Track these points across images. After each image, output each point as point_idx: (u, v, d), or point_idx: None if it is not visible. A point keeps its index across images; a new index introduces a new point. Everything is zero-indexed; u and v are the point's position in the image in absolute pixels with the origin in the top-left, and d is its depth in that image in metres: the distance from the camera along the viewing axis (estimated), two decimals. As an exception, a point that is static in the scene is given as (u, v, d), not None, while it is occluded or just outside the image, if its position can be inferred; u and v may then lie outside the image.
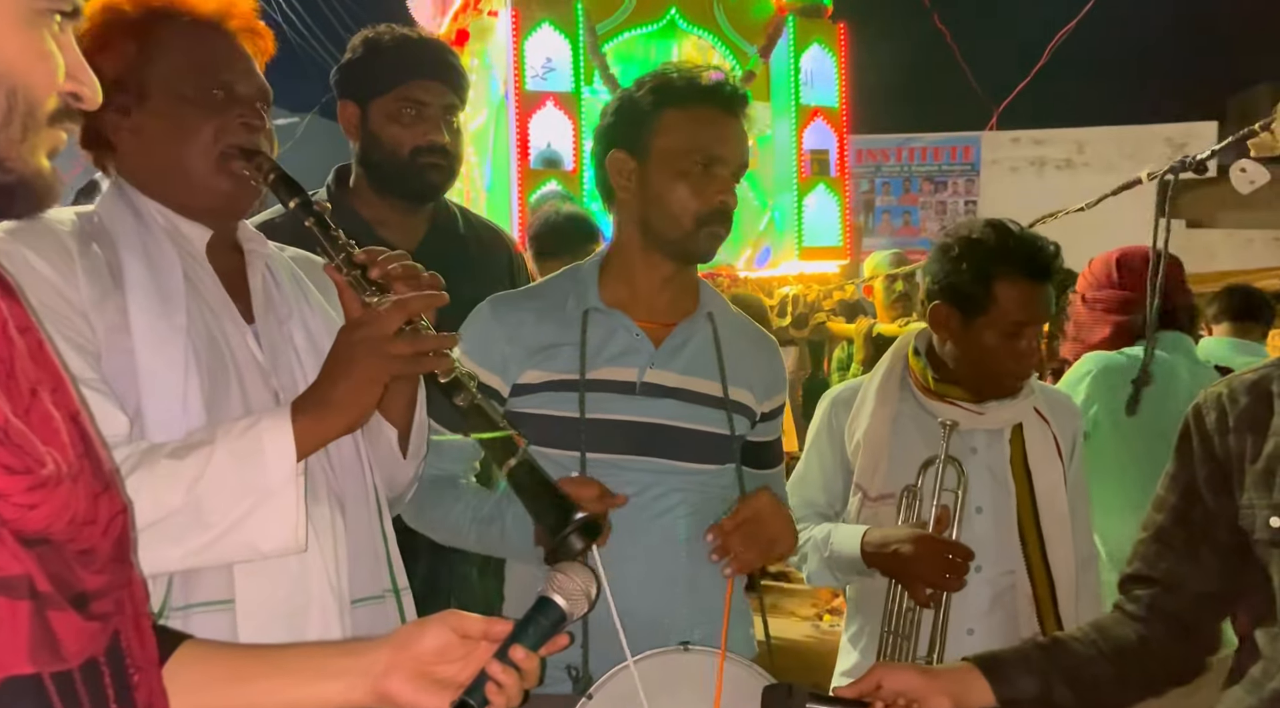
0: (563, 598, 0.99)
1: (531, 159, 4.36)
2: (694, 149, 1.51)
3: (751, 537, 1.50)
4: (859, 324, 4.42)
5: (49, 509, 0.66)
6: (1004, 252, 1.72)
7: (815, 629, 5.20)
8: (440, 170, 1.86)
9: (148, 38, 1.23)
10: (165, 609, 1.15)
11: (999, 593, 1.78)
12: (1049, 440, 1.82)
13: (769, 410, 1.68)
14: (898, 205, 11.33)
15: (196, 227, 1.25)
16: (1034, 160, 11.02)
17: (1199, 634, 1.32)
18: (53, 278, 1.14)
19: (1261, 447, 1.21)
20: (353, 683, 0.94)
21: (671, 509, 1.54)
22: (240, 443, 1.11)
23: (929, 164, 11.30)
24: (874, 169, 11.41)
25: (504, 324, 1.57)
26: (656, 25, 4.63)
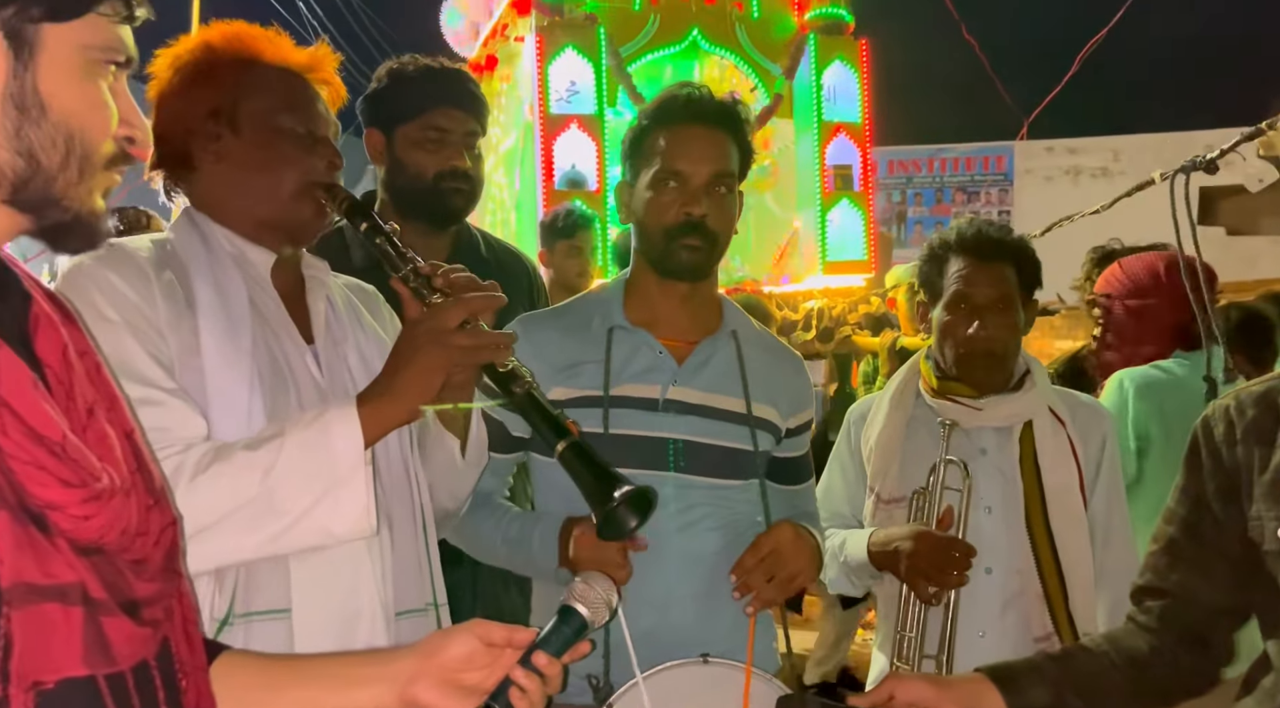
0: (585, 606, 1.01)
1: (556, 180, 4.45)
2: (661, 166, 1.55)
3: (772, 572, 1.51)
4: (884, 337, 4.43)
5: (102, 521, 0.70)
6: (955, 237, 1.83)
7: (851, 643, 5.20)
8: (462, 194, 1.93)
9: (244, 74, 1.33)
10: (230, 616, 1.23)
11: (1010, 595, 1.77)
12: (1062, 441, 1.81)
13: (795, 426, 1.69)
14: (930, 216, 11.27)
15: (262, 252, 1.34)
16: (1069, 169, 10.92)
17: (1211, 646, 1.31)
18: (134, 298, 1.25)
19: (1269, 458, 1.21)
20: (381, 691, 0.97)
21: (695, 524, 1.56)
22: (309, 433, 1.18)
23: (961, 174, 11.25)
24: (906, 180, 11.38)
25: (531, 343, 1.60)
26: (679, 46, 4.70)
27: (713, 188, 1.56)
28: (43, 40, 0.73)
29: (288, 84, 1.36)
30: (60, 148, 0.74)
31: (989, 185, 11.13)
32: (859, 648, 5.08)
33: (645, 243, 1.61)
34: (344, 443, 1.19)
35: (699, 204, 1.55)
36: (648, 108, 1.62)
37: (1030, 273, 1.84)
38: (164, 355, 1.24)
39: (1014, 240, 1.84)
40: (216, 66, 1.34)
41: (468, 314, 1.22)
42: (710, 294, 1.66)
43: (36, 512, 0.66)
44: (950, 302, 1.82)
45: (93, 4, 0.74)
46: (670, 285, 1.60)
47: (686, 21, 4.65)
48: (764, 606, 1.52)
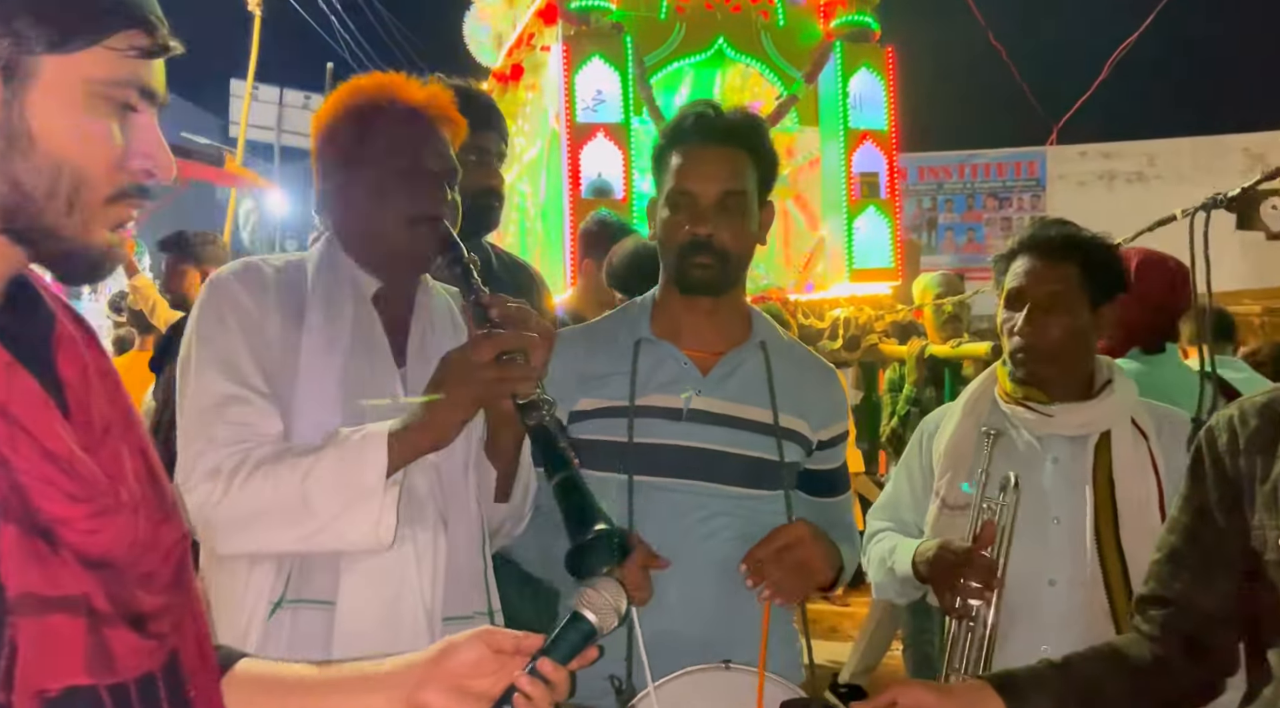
0: (593, 613, 1.02)
1: (583, 188, 4.48)
2: (673, 185, 1.60)
3: (788, 564, 1.53)
4: (911, 345, 4.40)
5: (110, 535, 0.72)
6: (1020, 237, 1.83)
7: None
8: (494, 211, 2.04)
9: (365, 124, 1.46)
10: (283, 600, 1.34)
11: (1074, 608, 1.72)
12: (1142, 454, 1.76)
13: (827, 438, 1.70)
14: (961, 222, 11.18)
15: (370, 279, 1.48)
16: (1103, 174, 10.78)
17: (1214, 655, 1.31)
18: (252, 309, 1.40)
19: (1271, 468, 1.22)
20: (391, 697, 0.98)
21: (717, 532, 1.59)
22: (346, 448, 1.30)
23: (993, 180, 11.14)
24: (936, 186, 11.29)
25: (560, 357, 1.62)
26: (704, 55, 4.71)
27: (722, 206, 1.58)
28: (39, 71, 0.72)
29: (405, 126, 1.47)
30: (46, 179, 0.73)
31: (1021, 191, 11.02)
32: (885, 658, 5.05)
33: (664, 258, 1.65)
34: (372, 463, 1.28)
35: (706, 223, 1.58)
36: (665, 127, 1.67)
37: (1101, 274, 1.78)
38: (266, 361, 1.37)
39: (1082, 239, 1.79)
40: (342, 118, 1.48)
41: (499, 349, 1.31)
42: (736, 306, 1.69)
43: (44, 526, 0.68)
44: (1006, 299, 1.81)
45: (99, 38, 0.73)
46: (693, 300, 1.64)
47: (712, 30, 4.66)
48: (781, 596, 1.54)
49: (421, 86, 1.50)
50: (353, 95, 1.48)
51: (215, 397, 1.35)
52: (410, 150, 1.45)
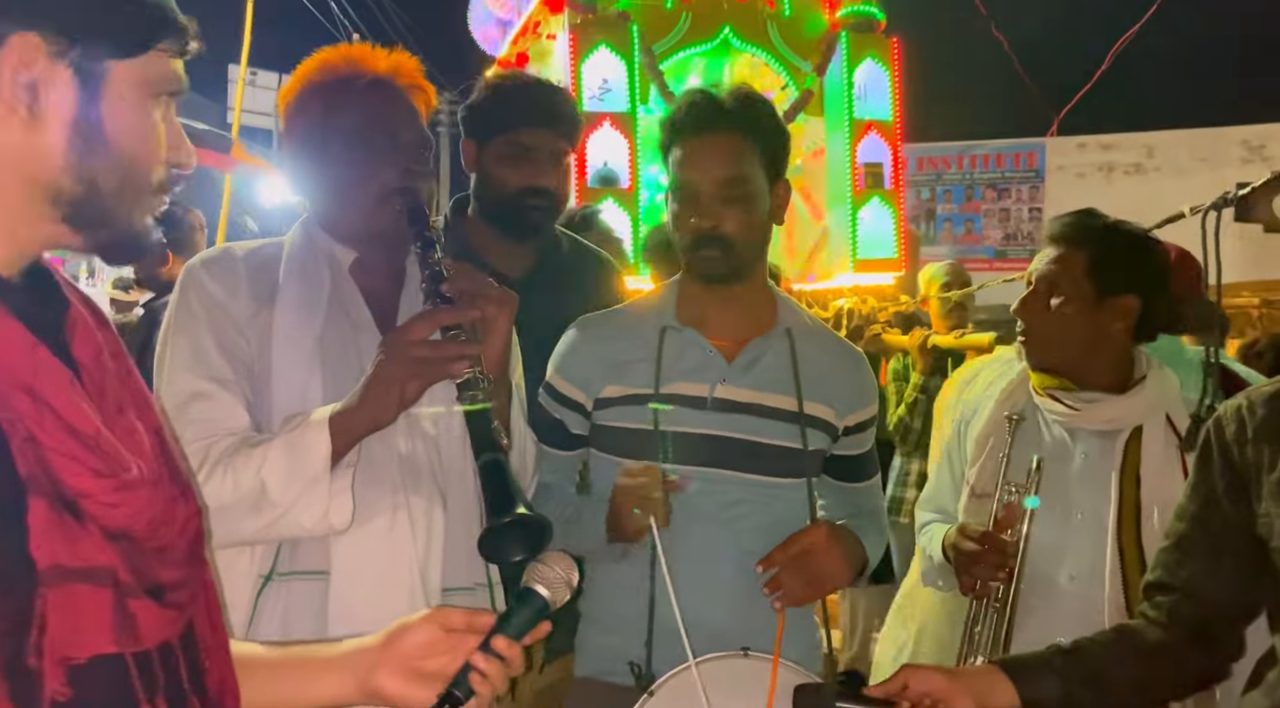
0: (544, 587, 1.02)
1: (589, 177, 4.48)
2: (676, 178, 1.59)
3: (802, 571, 1.53)
4: (914, 335, 4.43)
5: (131, 509, 0.75)
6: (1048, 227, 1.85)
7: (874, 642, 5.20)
8: (541, 211, 1.99)
9: (331, 98, 1.45)
10: (273, 573, 1.35)
11: (1092, 605, 1.71)
12: (1173, 453, 1.74)
13: (853, 424, 1.68)
14: (959, 213, 11.19)
15: (347, 251, 1.47)
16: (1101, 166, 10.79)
17: (1219, 641, 1.34)
18: (220, 295, 1.40)
19: (1278, 457, 1.24)
20: (341, 680, 0.99)
21: (739, 520, 1.59)
22: (291, 436, 1.30)
23: (991, 171, 11.15)
24: (935, 177, 11.30)
25: (587, 343, 1.68)
26: (711, 44, 4.71)
27: (724, 195, 1.56)
28: (109, 76, 0.78)
29: (369, 98, 1.45)
30: (118, 175, 0.78)
31: (1020, 182, 11.03)
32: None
33: (678, 251, 1.65)
34: (316, 449, 1.28)
35: (708, 215, 1.56)
36: (663, 119, 1.65)
37: (1115, 264, 1.75)
38: (236, 347, 1.38)
39: (1096, 228, 1.77)
40: (308, 95, 1.46)
41: (433, 328, 1.30)
42: (759, 292, 1.67)
43: (70, 499, 0.71)
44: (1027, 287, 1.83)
45: (153, 42, 0.79)
46: (714, 288, 1.63)
47: (718, 19, 4.66)
48: (790, 603, 1.54)
49: (387, 55, 1.47)
50: (318, 69, 1.46)
51: (182, 395, 1.35)
52: (379, 122, 1.43)
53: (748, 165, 1.58)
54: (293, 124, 1.48)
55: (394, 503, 1.36)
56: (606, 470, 1.65)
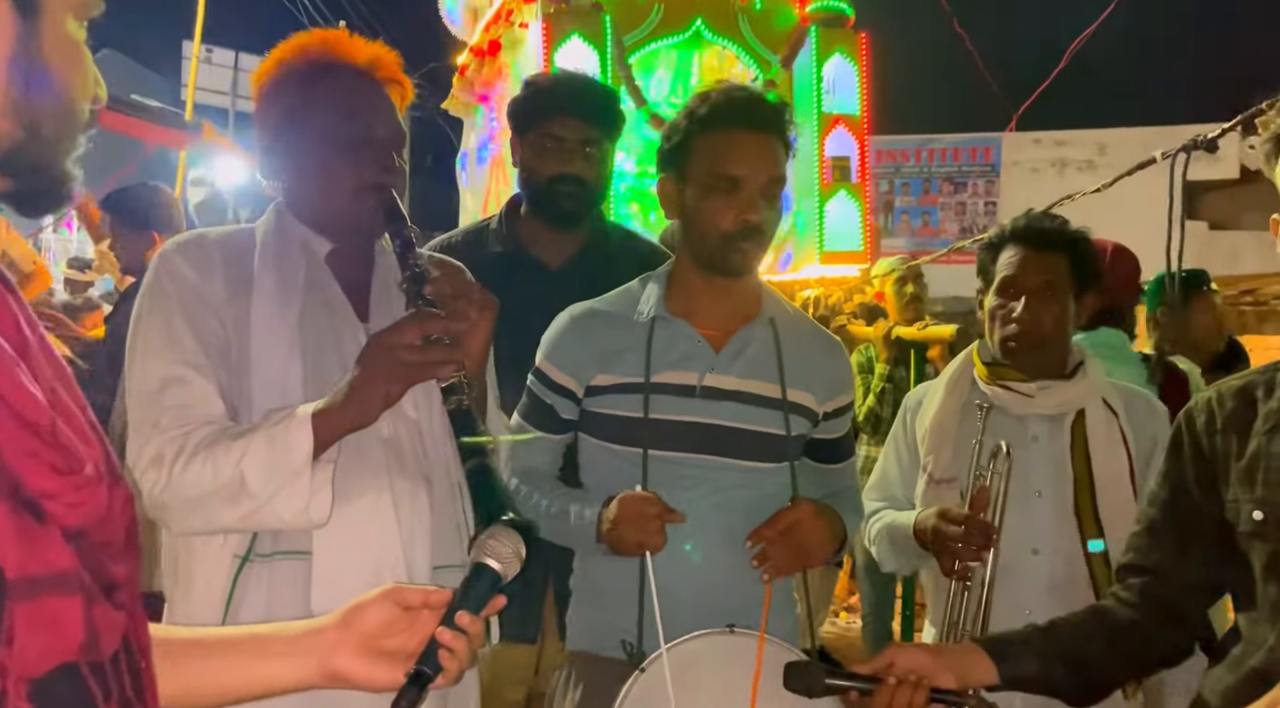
0: (497, 561, 1.03)
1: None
2: (717, 171, 1.61)
3: (789, 545, 1.60)
4: (878, 326, 4.52)
5: (90, 507, 0.67)
6: (1010, 227, 1.94)
7: (833, 625, 5.32)
8: (573, 197, 2.06)
9: (309, 87, 1.44)
10: (250, 554, 1.35)
11: (1056, 576, 1.85)
12: (1114, 431, 1.88)
13: (832, 409, 1.75)
14: (917, 206, 11.36)
15: (321, 240, 1.48)
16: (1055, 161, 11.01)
17: (1188, 620, 1.42)
18: (193, 279, 1.40)
19: (1245, 447, 1.32)
20: (298, 663, 0.95)
21: (726, 504, 1.65)
22: (274, 430, 1.31)
23: (949, 165, 11.33)
24: (893, 170, 11.44)
25: (578, 332, 1.72)
26: (682, 36, 4.74)
27: (767, 192, 1.62)
28: (45, 1, 0.68)
29: (349, 90, 1.45)
30: (60, 116, 0.70)
31: (976, 176, 11.23)
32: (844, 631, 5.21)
33: (697, 243, 1.67)
34: (298, 445, 1.30)
35: (756, 211, 1.60)
36: (697, 108, 1.65)
37: (1085, 265, 1.92)
38: (212, 334, 1.38)
39: (1069, 232, 1.92)
40: (286, 82, 1.45)
41: (421, 333, 1.32)
42: (750, 283, 1.73)
43: (31, 500, 0.63)
44: (999, 287, 1.92)
45: None
46: (713, 279, 1.68)
47: (690, 11, 4.69)
48: (778, 574, 1.61)
49: (366, 45, 1.47)
50: (295, 55, 1.45)
51: (156, 381, 1.35)
52: (355, 117, 1.43)
53: (784, 170, 1.66)
54: (267, 110, 1.47)
55: (378, 485, 1.39)
56: (595, 455, 1.72)
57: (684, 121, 1.67)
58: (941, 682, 1.33)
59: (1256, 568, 1.30)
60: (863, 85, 4.95)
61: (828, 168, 4.84)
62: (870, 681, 1.35)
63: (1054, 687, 1.41)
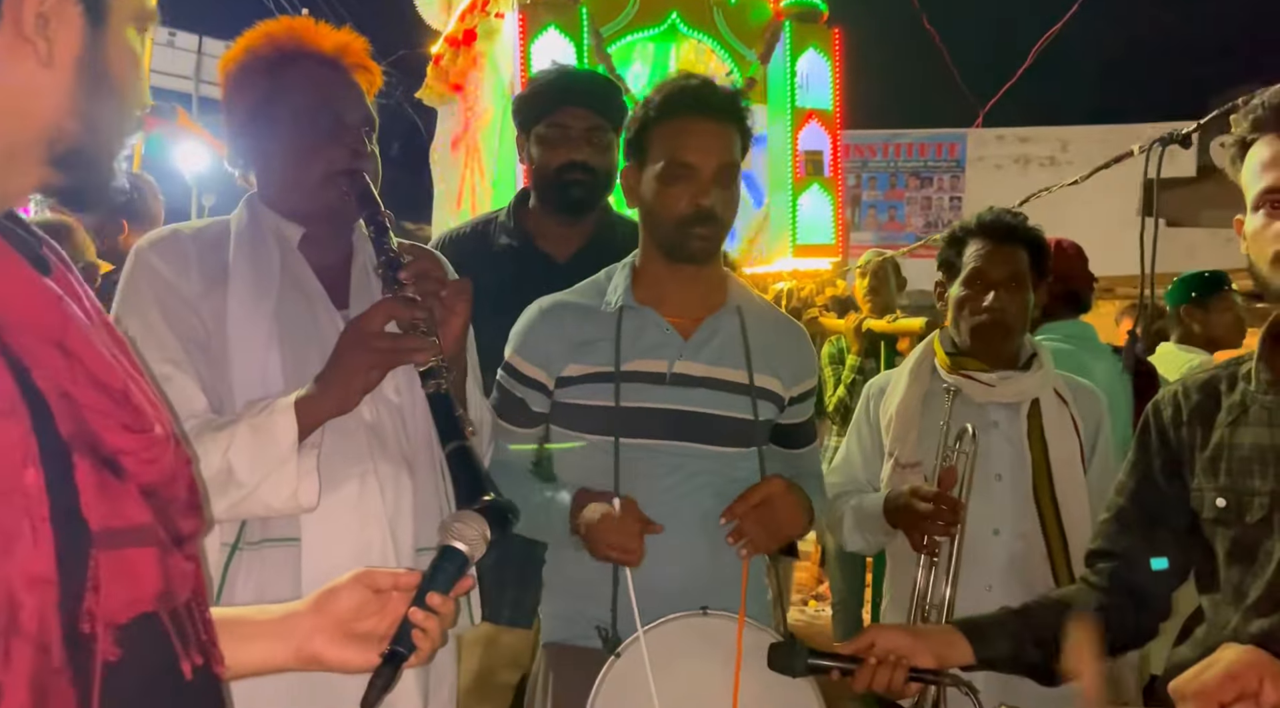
0: (464, 544, 1.05)
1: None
2: (671, 158, 1.63)
3: (763, 520, 1.62)
4: (849, 319, 4.59)
5: (161, 464, 0.72)
6: (976, 222, 2.02)
7: (802, 614, 5.40)
8: (581, 185, 2.07)
9: (276, 76, 1.44)
10: (240, 542, 1.37)
11: (1016, 554, 1.93)
12: (1065, 418, 1.98)
13: (797, 394, 1.77)
14: (884, 200, 11.50)
15: (294, 227, 1.48)
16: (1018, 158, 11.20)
17: (1153, 603, 1.48)
18: (169, 276, 1.40)
19: (1209, 437, 1.38)
20: (274, 646, 0.98)
21: (699, 489, 1.67)
22: (258, 420, 1.33)
23: (915, 160, 11.46)
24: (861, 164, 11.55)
25: (546, 324, 1.73)
26: (658, 29, 4.76)
27: (720, 178, 1.64)
28: (111, 9, 0.73)
29: (317, 78, 1.46)
30: (117, 118, 0.75)
31: (942, 171, 11.38)
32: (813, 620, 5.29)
33: (655, 230, 1.70)
34: (282, 433, 1.32)
35: (708, 195, 1.63)
36: (654, 97, 1.68)
37: (1041, 259, 2.02)
38: (188, 328, 1.39)
39: (1028, 227, 2.03)
40: (254, 70, 1.45)
41: (392, 317, 1.34)
42: (715, 272, 1.75)
43: (109, 456, 0.68)
44: (967, 278, 2.00)
45: None
46: (678, 267, 1.70)
47: (666, 5, 4.71)
48: (756, 550, 1.64)
49: (333, 33, 1.47)
50: (262, 44, 1.45)
51: None
52: (324, 104, 1.44)
53: (738, 154, 1.67)
54: (234, 99, 1.47)
55: (362, 470, 1.40)
56: (569, 449, 1.73)
57: (641, 111, 1.69)
58: (921, 662, 1.37)
59: (1219, 553, 1.36)
60: (836, 80, 5.00)
61: (801, 162, 4.89)
62: (851, 660, 1.39)
63: (1026, 667, 1.45)
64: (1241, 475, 1.33)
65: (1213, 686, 1.07)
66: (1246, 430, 1.34)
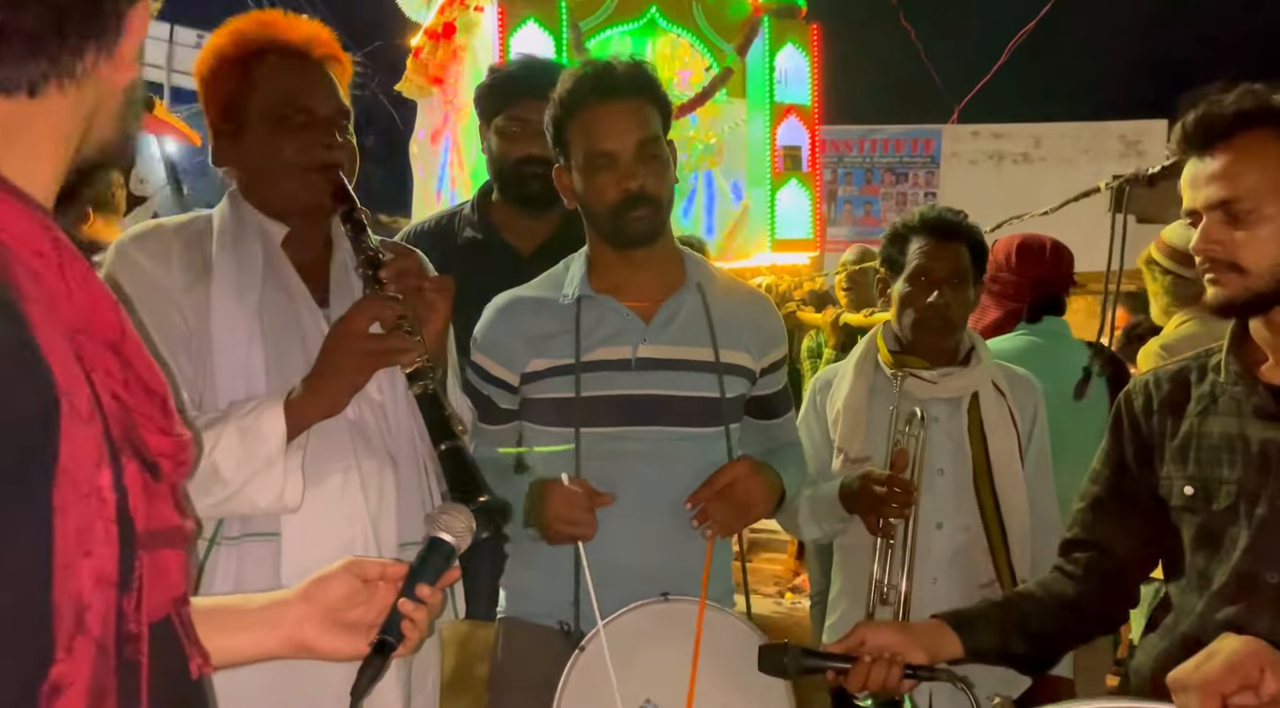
0: (450, 535, 1.07)
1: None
2: (589, 148, 1.62)
3: (729, 502, 1.62)
4: (826, 314, 4.63)
5: (187, 467, 0.73)
6: (919, 219, 2.06)
7: (779, 605, 5.44)
8: (541, 178, 2.02)
9: (246, 73, 1.44)
10: (218, 536, 1.38)
11: (958, 547, 1.99)
12: (1004, 411, 2.02)
13: (768, 365, 1.76)
14: (859, 196, 11.55)
15: (277, 225, 1.48)
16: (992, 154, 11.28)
17: (1125, 591, 1.53)
18: (150, 271, 1.40)
19: (1179, 427, 1.42)
20: (264, 635, 0.99)
21: (664, 472, 1.66)
22: (245, 421, 1.33)
23: (890, 156, 11.53)
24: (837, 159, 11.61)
25: (507, 320, 1.72)
26: (637, 23, 4.77)
27: (642, 155, 1.62)
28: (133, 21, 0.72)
29: (289, 72, 1.45)
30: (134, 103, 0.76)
31: (917, 167, 11.45)
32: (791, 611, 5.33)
33: (594, 221, 1.69)
34: (270, 433, 1.32)
35: (634, 177, 1.61)
36: (559, 94, 1.66)
37: (980, 255, 2.08)
38: (172, 326, 1.39)
39: (968, 225, 2.08)
40: (224, 68, 1.45)
41: (373, 318, 1.34)
42: (669, 252, 1.73)
43: (152, 460, 0.69)
44: (911, 275, 2.03)
45: None
46: (627, 253, 1.69)
47: (645, -1, 4.71)
48: (722, 533, 1.64)
49: (302, 24, 1.47)
50: (233, 40, 1.45)
51: None
52: (295, 97, 1.43)
53: (656, 126, 1.65)
54: (209, 98, 1.47)
55: (344, 466, 1.41)
56: (535, 441, 1.72)
57: (551, 111, 1.68)
58: (914, 658, 1.39)
59: (1186, 540, 1.40)
60: (814, 76, 5.03)
61: (779, 157, 4.92)
62: (844, 660, 1.40)
63: (1011, 658, 1.49)
64: (1210, 464, 1.36)
65: (1214, 677, 1.08)
66: (1215, 420, 1.37)
